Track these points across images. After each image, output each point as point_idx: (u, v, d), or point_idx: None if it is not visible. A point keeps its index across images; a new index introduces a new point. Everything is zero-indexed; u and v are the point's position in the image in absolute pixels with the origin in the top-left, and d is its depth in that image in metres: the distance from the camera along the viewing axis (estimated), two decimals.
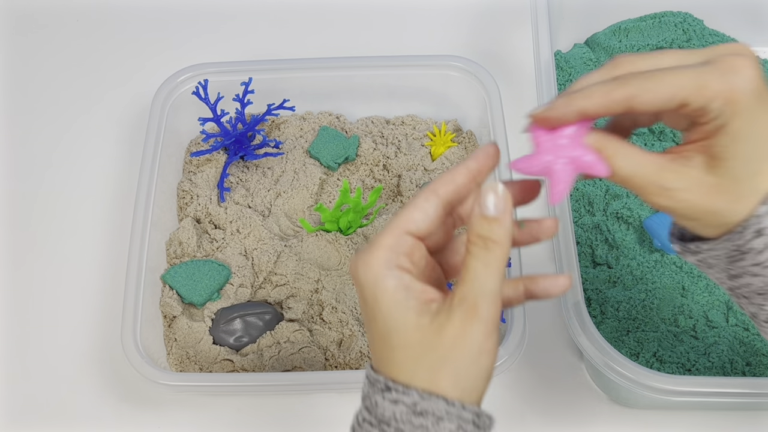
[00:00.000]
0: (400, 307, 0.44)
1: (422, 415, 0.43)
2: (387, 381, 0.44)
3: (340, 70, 0.85)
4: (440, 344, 0.43)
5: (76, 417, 0.74)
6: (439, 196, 0.46)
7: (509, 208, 0.44)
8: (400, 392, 0.44)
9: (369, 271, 0.45)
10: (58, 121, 0.91)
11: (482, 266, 0.44)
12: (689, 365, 0.71)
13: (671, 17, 0.90)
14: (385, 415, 0.44)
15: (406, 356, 0.44)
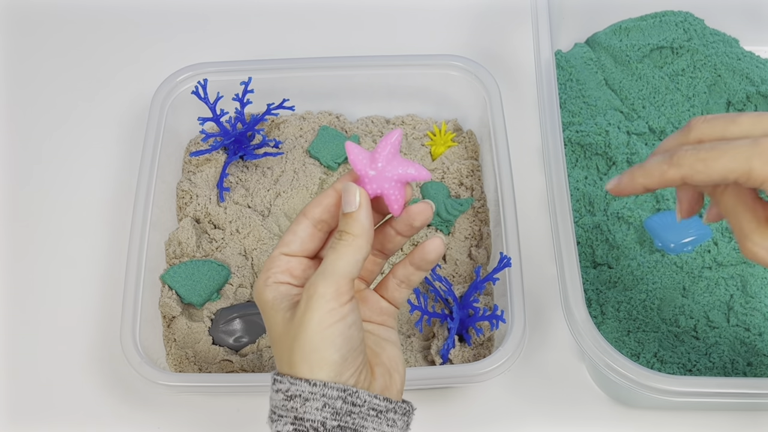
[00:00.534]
0: (273, 311, 0.51)
1: (292, 398, 0.48)
2: (274, 374, 0.49)
3: (340, 70, 0.85)
4: (292, 327, 0.49)
5: (75, 417, 0.74)
6: (307, 217, 0.52)
7: (364, 205, 0.50)
8: (278, 382, 0.49)
9: (256, 293, 0.52)
10: (58, 120, 0.91)
11: (331, 253, 0.49)
12: (690, 365, 0.71)
13: (672, 17, 0.90)
14: (273, 404, 0.49)
15: (276, 349, 0.50)
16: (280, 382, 0.48)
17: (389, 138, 0.50)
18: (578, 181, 0.81)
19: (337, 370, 0.48)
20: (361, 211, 0.50)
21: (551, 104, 0.78)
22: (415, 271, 0.55)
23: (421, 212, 0.52)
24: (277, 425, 0.48)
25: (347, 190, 0.50)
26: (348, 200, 0.50)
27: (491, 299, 0.76)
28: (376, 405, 0.49)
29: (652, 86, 0.87)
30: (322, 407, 0.47)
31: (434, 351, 0.73)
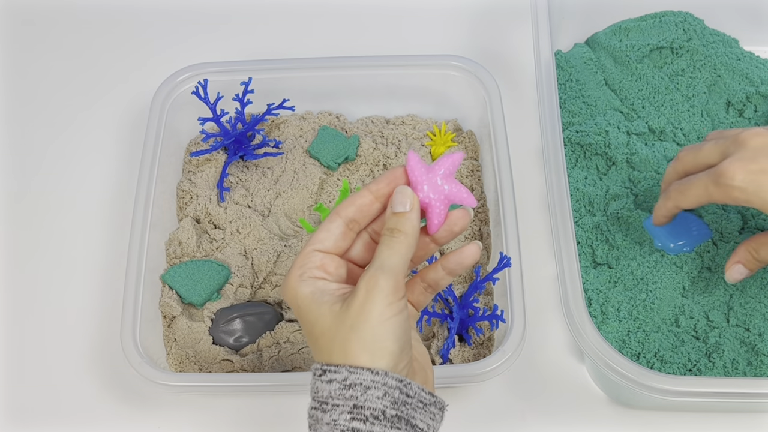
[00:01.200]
0: (315, 304, 0.51)
1: (352, 387, 0.48)
2: (322, 366, 0.50)
3: (340, 70, 0.85)
4: (348, 317, 0.49)
5: (75, 417, 0.74)
6: (341, 216, 0.53)
7: (416, 207, 0.52)
8: (332, 372, 0.49)
9: (288, 289, 0.52)
10: (58, 120, 0.91)
11: (385, 249, 0.51)
12: (690, 365, 0.71)
13: (672, 17, 0.90)
14: (323, 395, 0.49)
15: (325, 340, 0.50)
16: (334, 371, 0.49)
17: (450, 158, 0.52)
18: (578, 181, 0.82)
19: (395, 360, 0.49)
20: (413, 212, 0.52)
21: (551, 104, 0.78)
22: (446, 276, 0.56)
23: (461, 218, 0.54)
24: (331, 414, 0.49)
25: (401, 192, 0.52)
26: (401, 201, 0.52)
27: (491, 299, 0.76)
28: (423, 397, 0.50)
29: (651, 86, 0.87)
30: (383, 396, 0.48)
31: (434, 351, 0.73)
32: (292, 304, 0.53)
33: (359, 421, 0.48)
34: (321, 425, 0.49)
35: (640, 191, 0.80)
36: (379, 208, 0.54)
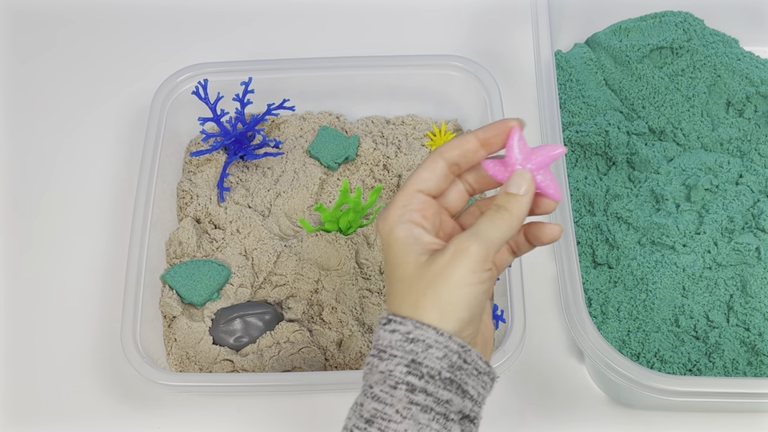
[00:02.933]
0: (405, 249, 0.51)
1: (414, 341, 0.49)
2: (389, 315, 0.50)
3: (340, 70, 0.85)
4: (429, 273, 0.49)
5: (76, 417, 0.74)
6: (444, 158, 0.53)
7: (531, 193, 0.51)
8: (397, 323, 0.49)
9: (385, 224, 0.52)
10: (58, 121, 0.91)
11: (487, 221, 0.51)
12: (690, 365, 0.71)
13: (672, 17, 0.90)
14: (383, 344, 0.49)
15: (401, 287, 0.51)
16: (400, 323, 0.49)
17: (551, 149, 0.52)
18: (578, 181, 0.82)
19: (461, 326, 0.49)
20: (526, 196, 0.52)
21: (551, 104, 0.78)
22: (526, 243, 0.56)
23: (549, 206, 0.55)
24: (387, 364, 0.49)
25: (521, 175, 0.52)
26: (518, 183, 0.52)
27: (491, 299, 0.76)
28: (479, 365, 0.50)
29: (651, 86, 0.87)
30: (442, 357, 0.49)
31: None
32: (383, 239, 0.52)
33: (414, 376, 0.48)
34: (374, 373, 0.49)
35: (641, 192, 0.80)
36: (482, 156, 0.53)
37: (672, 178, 0.80)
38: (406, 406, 0.48)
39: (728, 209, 0.78)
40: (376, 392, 0.49)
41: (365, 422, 0.49)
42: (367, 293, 0.76)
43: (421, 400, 0.48)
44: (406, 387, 0.48)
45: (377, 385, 0.49)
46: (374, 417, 0.49)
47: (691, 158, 0.82)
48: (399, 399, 0.48)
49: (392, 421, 0.48)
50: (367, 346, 0.73)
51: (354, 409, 0.50)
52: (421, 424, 0.48)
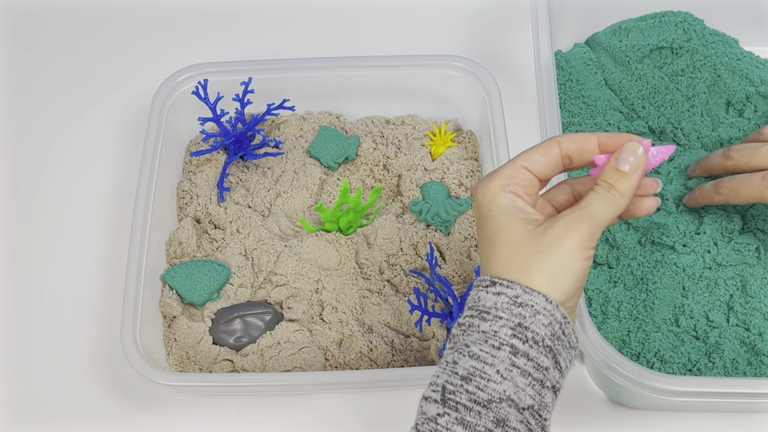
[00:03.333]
0: (509, 216, 0.52)
1: (522, 306, 0.50)
2: (492, 278, 0.51)
3: (340, 70, 0.85)
4: (539, 241, 0.51)
5: (76, 417, 0.74)
6: (560, 147, 0.54)
7: (641, 169, 0.52)
8: (504, 286, 0.50)
9: (486, 192, 0.53)
10: (58, 120, 0.91)
11: (599, 199, 0.52)
12: (690, 365, 0.71)
13: (672, 17, 0.90)
14: (487, 305, 0.50)
15: (505, 251, 0.51)
16: (508, 286, 0.50)
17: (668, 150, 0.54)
18: None
19: (566, 297, 0.51)
20: (635, 174, 0.52)
21: (551, 104, 0.78)
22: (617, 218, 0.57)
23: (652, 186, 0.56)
24: (492, 325, 0.49)
25: (631, 150, 0.52)
26: (627, 159, 0.52)
27: None
28: (572, 340, 0.52)
29: (651, 86, 0.87)
30: (548, 324, 0.50)
31: (434, 351, 0.73)
32: (482, 206, 0.53)
33: (519, 339, 0.49)
34: (473, 332, 0.50)
35: None
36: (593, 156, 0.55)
37: (672, 178, 0.80)
38: (508, 368, 0.48)
39: (728, 209, 0.78)
40: (475, 351, 0.49)
41: (461, 379, 0.49)
42: (367, 293, 0.76)
43: (522, 364, 0.49)
44: (510, 349, 0.49)
45: (476, 345, 0.49)
46: (472, 375, 0.49)
47: (691, 158, 0.82)
48: (501, 360, 0.49)
49: (491, 380, 0.48)
50: (367, 346, 0.73)
51: (444, 368, 0.50)
52: (518, 388, 0.48)
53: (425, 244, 0.78)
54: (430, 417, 0.49)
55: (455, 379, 0.49)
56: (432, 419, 0.49)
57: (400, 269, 0.78)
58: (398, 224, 0.79)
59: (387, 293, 0.76)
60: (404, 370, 0.70)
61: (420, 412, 0.50)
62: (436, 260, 0.74)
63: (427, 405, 0.49)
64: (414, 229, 0.79)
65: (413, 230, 0.79)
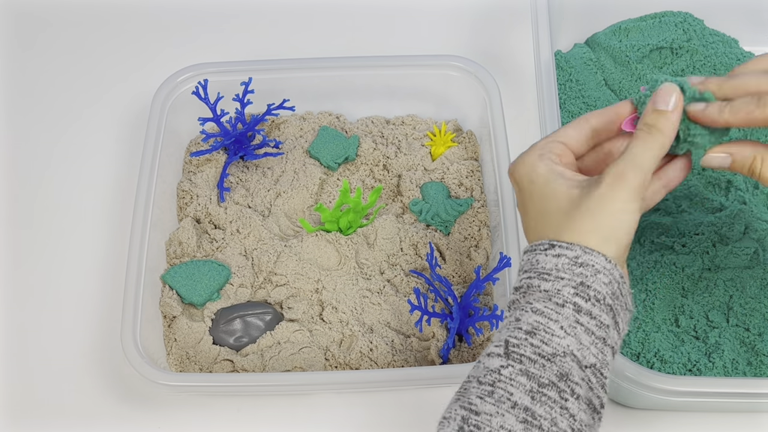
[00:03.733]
0: (552, 183, 0.53)
1: (583, 266, 0.51)
2: (551, 241, 0.52)
3: (340, 70, 0.85)
4: (586, 202, 0.52)
5: (76, 417, 0.74)
6: (590, 123, 0.57)
7: (679, 108, 0.53)
8: (564, 248, 0.51)
9: (524, 165, 0.55)
10: (58, 120, 0.91)
11: (640, 144, 0.53)
12: (690, 365, 0.71)
13: (671, 17, 0.90)
14: (547, 267, 0.51)
15: (555, 218, 0.53)
16: (566, 248, 0.51)
17: None
18: None
19: (620, 253, 0.52)
20: (675, 113, 0.53)
21: (551, 104, 0.78)
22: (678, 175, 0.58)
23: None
24: (554, 284, 0.50)
25: (668, 90, 0.53)
26: (664, 99, 0.53)
27: (491, 299, 0.76)
28: (628, 301, 0.53)
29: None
30: (608, 283, 0.51)
31: (434, 351, 0.73)
32: (523, 180, 0.55)
33: (581, 298, 0.50)
34: (533, 292, 0.51)
35: None
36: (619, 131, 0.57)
37: None
38: (572, 324, 0.50)
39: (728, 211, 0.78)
40: (539, 307, 0.50)
41: (525, 333, 0.50)
42: (367, 293, 0.76)
43: (585, 321, 0.50)
44: (573, 307, 0.50)
45: (539, 302, 0.51)
46: (536, 329, 0.50)
47: None
48: (565, 317, 0.50)
49: (555, 335, 0.49)
50: (367, 346, 0.73)
51: (508, 326, 0.51)
52: (582, 345, 0.49)
53: (425, 244, 0.78)
54: (492, 369, 0.50)
55: (519, 333, 0.50)
56: (495, 371, 0.50)
57: (400, 269, 0.78)
58: (398, 224, 0.79)
59: (387, 293, 0.76)
60: (404, 370, 0.70)
61: (481, 367, 0.51)
62: (436, 260, 0.74)
63: (489, 360, 0.50)
64: (414, 229, 0.79)
65: (413, 230, 0.79)
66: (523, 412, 0.48)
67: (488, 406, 0.48)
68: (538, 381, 0.48)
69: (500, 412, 0.48)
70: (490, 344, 0.51)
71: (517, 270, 0.55)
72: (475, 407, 0.49)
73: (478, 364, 0.51)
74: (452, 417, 0.49)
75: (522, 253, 0.55)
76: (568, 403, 0.49)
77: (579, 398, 0.49)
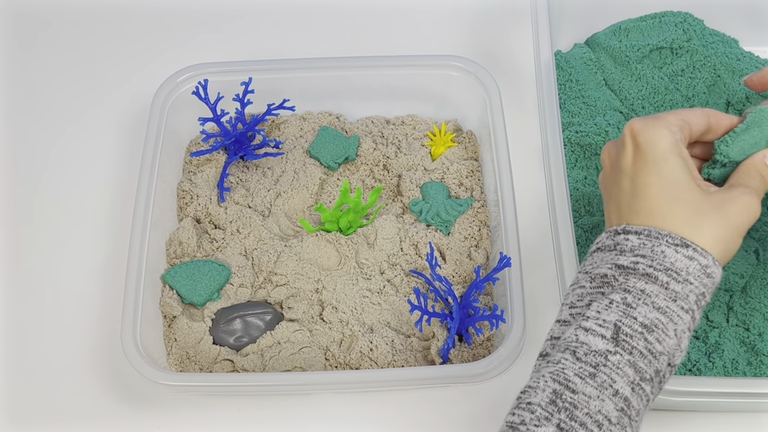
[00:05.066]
0: (686, 172, 0.54)
1: (710, 277, 0.52)
2: (683, 239, 0.53)
3: (340, 70, 0.85)
4: (725, 209, 0.53)
5: (76, 417, 0.74)
6: (708, 119, 0.58)
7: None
8: (698, 252, 0.52)
9: (660, 139, 0.55)
10: (58, 121, 0.91)
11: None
12: (690, 365, 0.71)
13: (671, 17, 0.90)
14: (677, 266, 0.52)
15: (684, 209, 0.53)
16: (702, 254, 0.53)
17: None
18: (578, 181, 0.82)
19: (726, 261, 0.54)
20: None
21: (551, 104, 0.78)
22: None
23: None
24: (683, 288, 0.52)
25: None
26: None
27: (491, 299, 0.76)
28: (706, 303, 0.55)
29: (651, 87, 0.87)
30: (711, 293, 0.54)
31: (434, 351, 0.73)
32: (653, 149, 0.55)
33: (698, 307, 0.53)
34: (652, 284, 0.52)
35: None
36: None
37: None
38: (683, 330, 0.52)
39: None
40: (662, 305, 0.51)
41: (642, 326, 0.51)
42: (367, 293, 0.76)
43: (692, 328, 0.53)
44: (691, 315, 0.52)
45: (661, 299, 0.51)
46: (655, 326, 0.51)
47: None
48: (684, 322, 0.52)
49: (668, 336, 0.51)
50: (367, 346, 0.73)
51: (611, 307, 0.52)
52: (680, 348, 0.52)
53: (425, 244, 0.78)
54: (597, 350, 0.50)
55: (634, 324, 0.51)
56: (600, 353, 0.50)
57: (400, 269, 0.78)
58: (398, 224, 0.79)
59: (387, 293, 0.76)
60: (404, 370, 0.70)
61: (577, 341, 0.51)
62: (436, 260, 0.74)
63: (589, 337, 0.51)
64: (414, 229, 0.79)
65: (413, 230, 0.79)
66: (622, 401, 0.49)
67: (589, 388, 0.49)
68: (641, 375, 0.50)
69: (601, 397, 0.49)
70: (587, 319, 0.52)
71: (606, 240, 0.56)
72: (572, 385, 0.50)
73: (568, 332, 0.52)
74: (541, 387, 0.50)
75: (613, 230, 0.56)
76: (653, 396, 0.51)
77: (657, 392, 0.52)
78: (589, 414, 0.48)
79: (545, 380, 0.50)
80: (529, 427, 0.49)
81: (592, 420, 0.48)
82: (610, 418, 0.48)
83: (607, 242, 0.56)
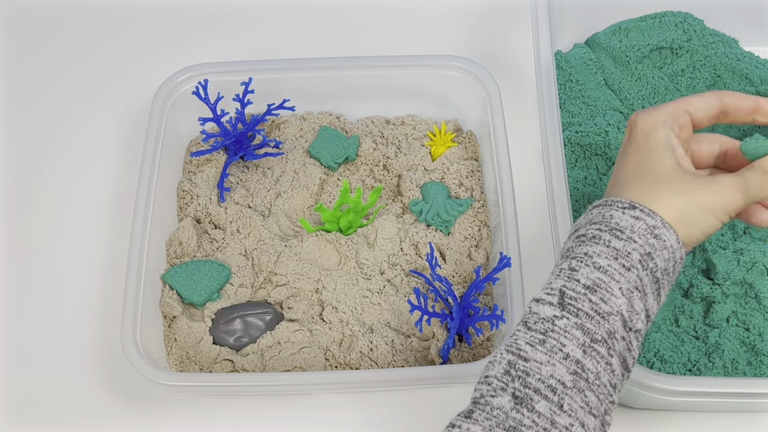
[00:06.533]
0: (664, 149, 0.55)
1: (656, 237, 0.52)
2: (632, 201, 0.53)
3: (340, 70, 0.85)
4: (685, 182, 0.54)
5: (76, 417, 0.74)
6: (722, 101, 0.58)
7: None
8: (645, 213, 0.53)
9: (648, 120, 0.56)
10: (58, 121, 0.91)
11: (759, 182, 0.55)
12: (690, 365, 0.71)
13: (671, 17, 0.90)
14: (622, 225, 0.53)
15: (649, 178, 0.54)
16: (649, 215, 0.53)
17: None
18: (578, 181, 0.82)
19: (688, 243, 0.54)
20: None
21: (551, 104, 0.78)
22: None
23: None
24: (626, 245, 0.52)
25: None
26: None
27: (491, 299, 0.76)
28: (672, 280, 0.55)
29: (651, 87, 0.87)
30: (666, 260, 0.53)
31: (434, 351, 0.73)
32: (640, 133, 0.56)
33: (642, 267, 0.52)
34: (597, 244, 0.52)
35: None
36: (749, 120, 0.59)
37: None
38: (630, 289, 0.51)
39: None
40: (602, 264, 0.52)
41: (584, 288, 0.51)
42: (367, 293, 0.76)
43: (641, 289, 0.52)
44: (636, 273, 0.52)
45: (602, 258, 0.52)
46: (597, 286, 0.51)
47: None
48: (628, 280, 0.51)
49: (614, 295, 0.51)
50: (367, 346, 0.73)
51: (559, 273, 0.53)
52: (633, 310, 0.51)
53: (425, 244, 0.78)
54: (545, 317, 0.51)
55: (577, 287, 0.51)
56: (548, 320, 0.51)
57: (400, 269, 0.78)
58: (398, 224, 0.79)
59: (387, 293, 0.76)
60: (404, 370, 0.70)
61: (530, 312, 0.52)
62: (436, 260, 0.74)
63: (539, 306, 0.51)
64: (414, 229, 0.79)
65: (413, 230, 0.79)
66: (574, 364, 0.49)
67: (539, 354, 0.50)
68: (591, 336, 0.50)
69: (551, 362, 0.49)
70: (541, 290, 0.52)
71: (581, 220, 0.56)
72: (524, 353, 0.50)
73: (526, 310, 0.53)
74: (497, 360, 0.51)
75: (591, 206, 0.56)
76: (612, 359, 0.50)
77: (618, 355, 0.51)
78: (541, 380, 0.49)
79: (501, 353, 0.51)
80: (486, 398, 0.49)
81: (545, 385, 0.49)
82: (564, 382, 0.49)
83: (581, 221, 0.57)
